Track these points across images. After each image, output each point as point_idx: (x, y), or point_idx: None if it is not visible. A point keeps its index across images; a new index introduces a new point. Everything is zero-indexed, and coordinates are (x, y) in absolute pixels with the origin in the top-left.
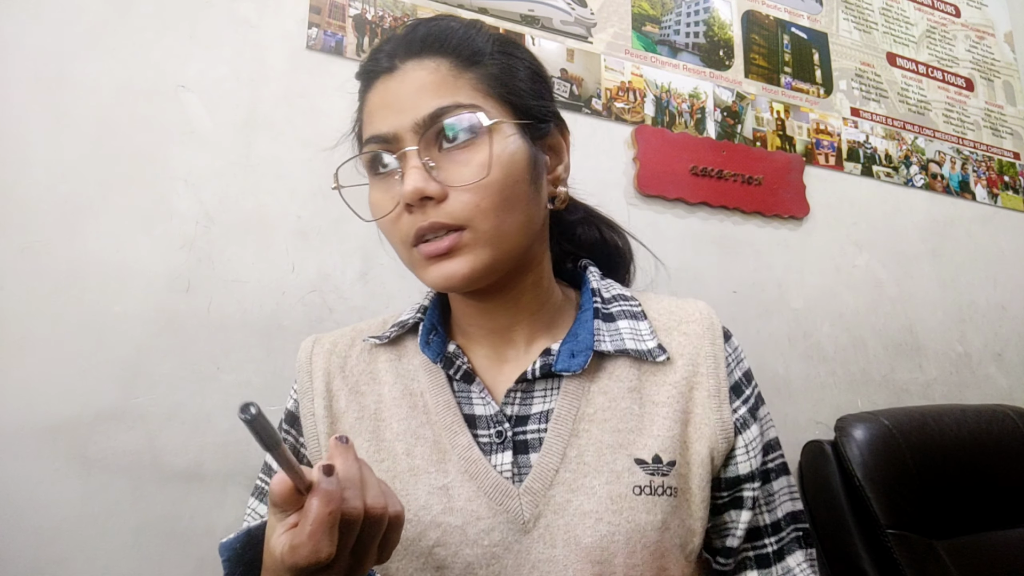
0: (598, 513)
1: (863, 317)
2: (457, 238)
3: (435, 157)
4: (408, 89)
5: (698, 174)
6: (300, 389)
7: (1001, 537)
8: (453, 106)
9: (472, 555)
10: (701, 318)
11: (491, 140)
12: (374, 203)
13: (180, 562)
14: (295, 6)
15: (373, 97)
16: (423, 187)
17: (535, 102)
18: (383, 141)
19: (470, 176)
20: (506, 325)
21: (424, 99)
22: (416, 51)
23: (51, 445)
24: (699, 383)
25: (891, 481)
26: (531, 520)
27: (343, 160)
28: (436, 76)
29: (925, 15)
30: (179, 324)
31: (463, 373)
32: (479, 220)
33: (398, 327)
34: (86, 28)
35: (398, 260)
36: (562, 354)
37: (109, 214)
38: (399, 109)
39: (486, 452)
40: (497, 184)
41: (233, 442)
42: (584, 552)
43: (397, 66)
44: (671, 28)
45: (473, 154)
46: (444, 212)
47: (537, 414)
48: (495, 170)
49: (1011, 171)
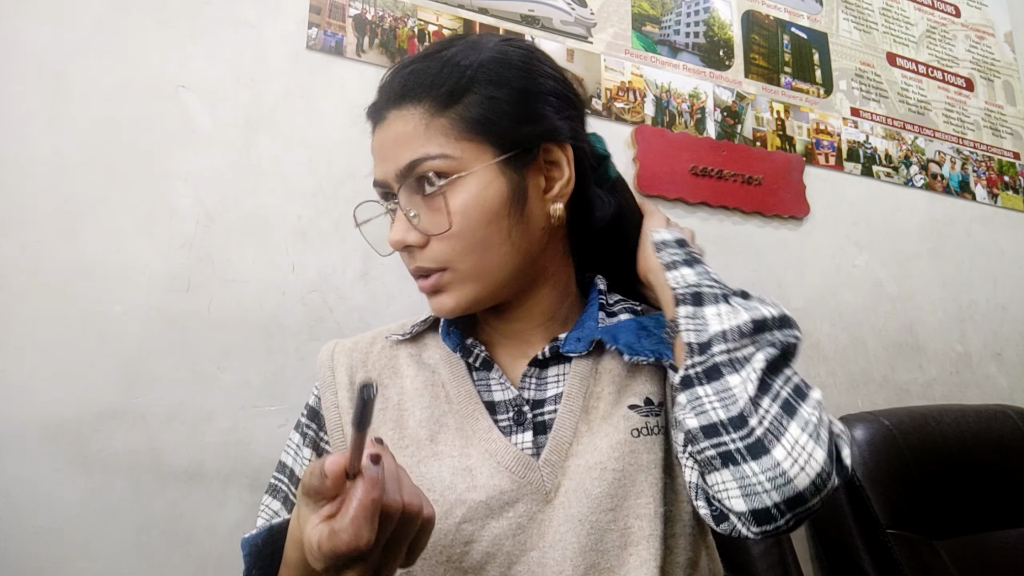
0: (603, 463)
1: (863, 317)
2: (438, 279)
3: (416, 205)
4: (390, 139)
5: (698, 174)
6: (322, 384)
7: (1001, 537)
8: (422, 158)
9: (498, 527)
10: None
11: (476, 188)
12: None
13: (181, 562)
14: (295, 6)
15: (373, 144)
16: (402, 238)
17: (524, 128)
18: (380, 186)
19: (441, 225)
20: (523, 329)
21: (400, 150)
22: (396, 100)
23: (51, 445)
24: None
25: (891, 481)
26: (552, 489)
27: (350, 163)
28: (409, 126)
29: (925, 15)
30: (179, 324)
31: (482, 361)
32: (457, 262)
33: (420, 324)
34: (86, 28)
35: (398, 260)
36: (569, 339)
37: (109, 214)
38: (384, 158)
39: (506, 434)
40: (466, 231)
41: (233, 442)
42: (596, 502)
43: (384, 116)
44: (671, 28)
45: (445, 201)
46: (425, 257)
47: (552, 397)
48: (458, 219)
49: (1011, 171)
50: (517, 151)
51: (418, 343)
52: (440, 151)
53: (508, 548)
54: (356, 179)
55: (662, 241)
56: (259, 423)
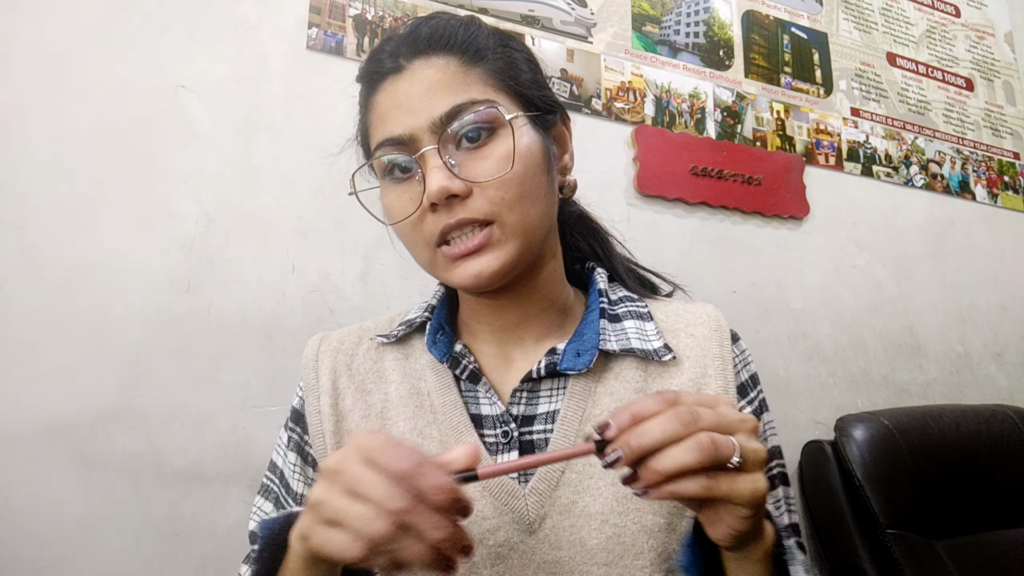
0: (604, 515)
1: (863, 317)
2: (488, 233)
3: (454, 155)
4: (419, 88)
5: (698, 174)
6: (306, 386)
7: (1001, 537)
8: (468, 103)
9: (477, 555)
10: (709, 320)
11: (513, 133)
12: (390, 207)
13: (181, 562)
14: (295, 6)
15: (381, 99)
16: (448, 185)
17: (540, 92)
18: (398, 143)
19: (493, 171)
20: (516, 322)
21: (437, 97)
22: (422, 49)
23: (51, 445)
24: (707, 384)
25: (891, 481)
26: (536, 521)
27: (350, 163)
28: (445, 74)
29: (925, 15)
30: (179, 324)
31: (469, 373)
32: (506, 213)
33: (405, 326)
34: (86, 28)
35: (398, 260)
36: (567, 353)
37: (109, 214)
38: (411, 109)
39: (492, 452)
40: (519, 177)
41: (233, 442)
42: (590, 554)
43: (404, 66)
44: (671, 28)
45: (493, 148)
46: (471, 208)
47: (543, 414)
48: (517, 163)
49: (1011, 171)
50: (541, 112)
51: (404, 347)
52: (484, 96)
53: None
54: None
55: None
56: (259, 423)
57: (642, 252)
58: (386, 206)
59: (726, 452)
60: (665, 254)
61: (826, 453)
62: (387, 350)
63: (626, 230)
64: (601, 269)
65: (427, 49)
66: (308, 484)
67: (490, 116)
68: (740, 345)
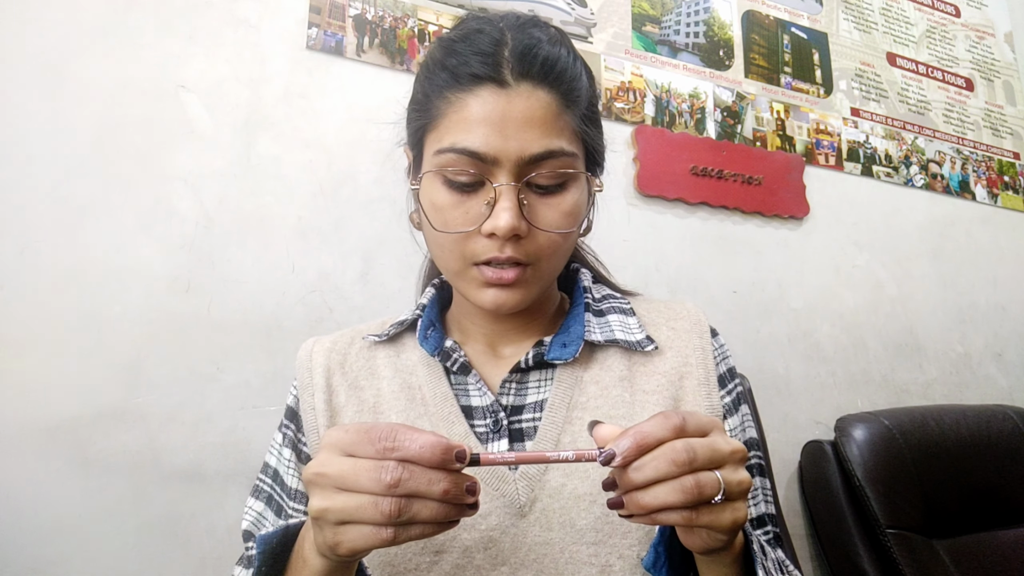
0: (592, 495)
1: (863, 317)
2: (521, 273)
3: (526, 194)
4: (519, 115)
5: (698, 174)
6: (300, 385)
7: (1001, 537)
8: (559, 152)
9: (470, 539)
10: (689, 315)
11: (582, 192)
12: (442, 210)
13: (181, 562)
14: (295, 6)
15: (473, 104)
16: (518, 226)
17: (602, 146)
18: (478, 158)
19: (557, 224)
20: (508, 328)
21: (534, 134)
22: (534, 75)
23: (51, 445)
24: (689, 372)
25: (891, 481)
26: (527, 504)
27: (350, 162)
28: (547, 112)
29: (925, 15)
30: (179, 324)
31: (460, 365)
32: (544, 261)
33: (397, 325)
34: (86, 28)
35: (398, 260)
36: (554, 344)
37: (109, 214)
38: (504, 134)
39: (483, 441)
40: (570, 233)
41: (233, 442)
42: (579, 534)
43: (509, 82)
44: (671, 28)
45: (562, 201)
46: (522, 250)
47: (532, 404)
48: (571, 221)
49: (1011, 171)
50: (597, 166)
51: (396, 344)
52: (571, 148)
53: (479, 561)
54: (356, 179)
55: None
56: (258, 423)
57: (642, 252)
58: (435, 205)
59: (709, 492)
60: (665, 254)
61: (826, 453)
62: (379, 348)
63: (626, 230)
64: (585, 270)
65: (538, 76)
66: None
67: (571, 172)
68: (719, 340)
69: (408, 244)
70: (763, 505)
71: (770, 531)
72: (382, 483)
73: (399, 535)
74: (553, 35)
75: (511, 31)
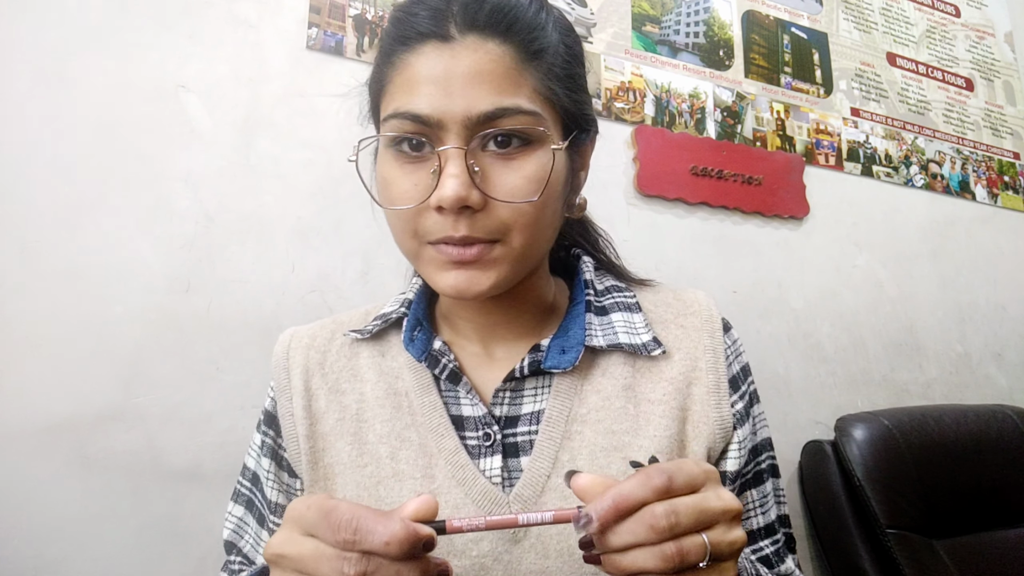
0: None
1: (863, 317)
2: (487, 250)
3: (478, 159)
4: (464, 71)
5: (698, 174)
6: (277, 387)
7: (1001, 537)
8: (515, 110)
9: (460, 566)
10: (700, 310)
11: (551, 157)
12: (388, 183)
13: (180, 562)
14: (295, 6)
15: (415, 62)
16: (465, 195)
17: (584, 110)
18: (420, 122)
19: (518, 192)
20: (498, 321)
21: (482, 90)
22: (480, 25)
23: (51, 445)
24: (697, 379)
25: (891, 481)
26: (522, 530)
27: (348, 160)
28: (499, 66)
29: (925, 15)
30: (179, 324)
31: (449, 372)
32: (514, 236)
33: (381, 320)
34: (86, 28)
35: (398, 260)
36: (552, 350)
37: (109, 214)
38: (448, 91)
39: (474, 456)
40: (541, 204)
41: (233, 442)
42: (579, 563)
43: (454, 36)
44: (671, 28)
45: (523, 165)
46: (480, 226)
47: (527, 415)
48: (546, 190)
49: (1011, 171)
50: (578, 132)
51: (380, 343)
52: (531, 107)
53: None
54: (356, 179)
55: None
56: None
57: (642, 252)
58: (382, 179)
59: (694, 559)
60: (665, 254)
61: (826, 453)
62: (362, 347)
63: (626, 230)
64: (587, 257)
65: (486, 27)
66: (283, 492)
67: (532, 132)
68: (732, 335)
69: None
70: (773, 511)
71: (780, 537)
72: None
73: None
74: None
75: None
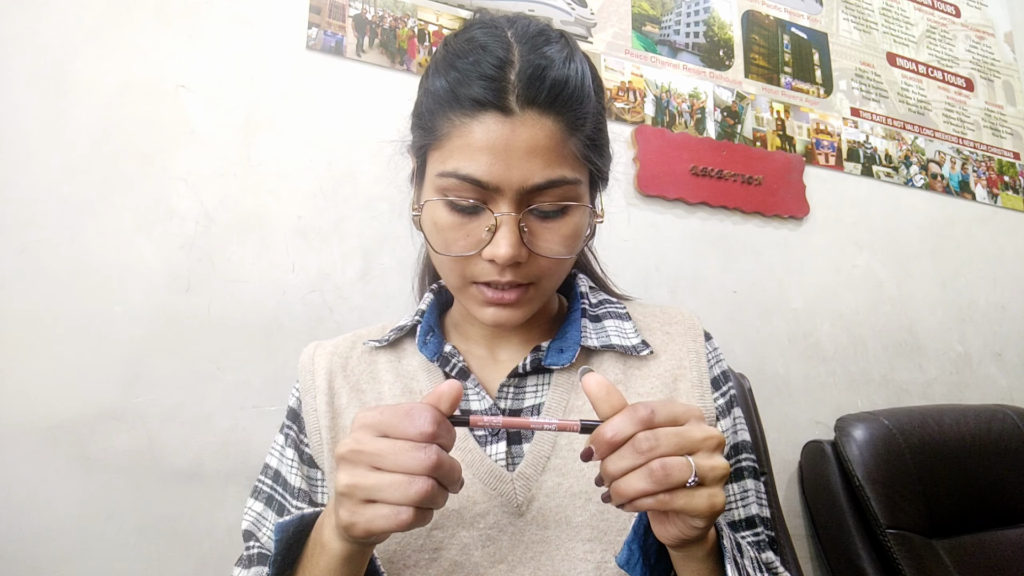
0: (587, 494)
1: (863, 317)
2: (523, 293)
3: (527, 221)
4: (522, 145)
5: (698, 174)
6: (303, 387)
7: (1001, 537)
8: (561, 181)
9: (468, 536)
10: (683, 320)
11: (583, 215)
12: (443, 231)
13: (180, 561)
14: (295, 6)
15: (479, 132)
16: (517, 254)
17: (607, 167)
18: (480, 187)
19: (558, 250)
20: (507, 332)
21: (537, 164)
22: (541, 102)
23: (51, 445)
24: (683, 375)
25: (891, 481)
26: (524, 503)
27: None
28: (552, 140)
29: (925, 15)
30: (179, 324)
31: (459, 370)
32: (545, 280)
33: (397, 330)
34: (86, 28)
35: (398, 260)
36: (551, 350)
37: (109, 214)
38: (508, 163)
39: (481, 444)
40: (572, 256)
41: (233, 442)
42: (576, 531)
43: (515, 111)
44: (671, 28)
45: (562, 226)
46: (522, 273)
47: (529, 407)
48: (571, 246)
49: (1011, 171)
50: (602, 181)
51: (396, 350)
52: (574, 176)
53: (476, 559)
54: (356, 179)
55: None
56: (259, 423)
57: (642, 252)
58: (434, 224)
59: (678, 476)
60: (665, 254)
61: (826, 453)
62: (380, 354)
63: (626, 230)
64: (583, 276)
65: (545, 104)
66: (306, 479)
67: (574, 198)
68: (712, 343)
69: (408, 244)
70: (754, 507)
71: (761, 533)
72: (423, 464)
73: (416, 519)
74: (564, 51)
75: (520, 45)
